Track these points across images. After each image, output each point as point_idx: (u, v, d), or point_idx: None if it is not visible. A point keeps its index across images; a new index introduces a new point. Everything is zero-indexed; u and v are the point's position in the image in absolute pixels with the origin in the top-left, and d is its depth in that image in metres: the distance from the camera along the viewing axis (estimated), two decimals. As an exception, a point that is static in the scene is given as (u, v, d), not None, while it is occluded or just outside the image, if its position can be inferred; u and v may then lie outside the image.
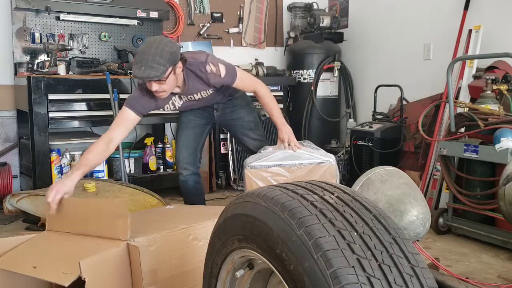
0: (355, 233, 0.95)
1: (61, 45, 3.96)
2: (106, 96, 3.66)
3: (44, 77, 3.58)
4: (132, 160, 4.13)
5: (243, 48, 5.13)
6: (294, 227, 0.96)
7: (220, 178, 4.48)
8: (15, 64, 4.02)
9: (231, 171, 4.37)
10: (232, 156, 4.37)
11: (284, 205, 1.02)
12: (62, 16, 4.08)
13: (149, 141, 4.22)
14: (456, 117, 3.07)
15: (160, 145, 4.32)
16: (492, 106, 2.98)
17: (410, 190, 1.70)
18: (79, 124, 3.88)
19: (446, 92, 3.37)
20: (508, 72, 3.21)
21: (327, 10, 5.18)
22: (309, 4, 5.17)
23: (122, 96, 3.74)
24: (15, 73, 4.03)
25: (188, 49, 4.67)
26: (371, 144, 3.89)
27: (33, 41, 4.01)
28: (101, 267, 1.69)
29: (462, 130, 3.07)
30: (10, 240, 1.99)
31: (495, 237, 2.87)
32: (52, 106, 3.62)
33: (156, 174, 4.22)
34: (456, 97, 3.57)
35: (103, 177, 3.84)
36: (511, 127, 2.74)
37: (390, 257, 0.92)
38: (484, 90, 3.08)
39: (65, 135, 4.05)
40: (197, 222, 1.97)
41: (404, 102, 4.10)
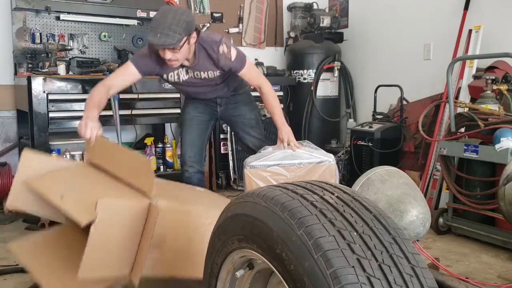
0: (355, 233, 0.95)
1: (61, 45, 3.96)
2: (106, 96, 3.65)
3: (44, 77, 3.58)
4: (132, 160, 4.12)
5: (243, 48, 5.11)
6: (294, 227, 0.96)
7: (220, 178, 4.48)
8: (15, 64, 4.02)
9: (231, 171, 4.37)
10: (232, 156, 4.37)
11: (284, 205, 1.02)
12: (62, 16, 4.08)
13: (149, 141, 4.22)
14: (456, 117, 3.07)
15: (160, 145, 4.32)
16: (492, 106, 2.98)
17: (410, 190, 1.70)
18: (79, 124, 3.87)
19: (446, 92, 3.37)
20: (508, 72, 3.21)
21: (327, 10, 5.18)
22: (309, 4, 5.17)
23: (122, 96, 3.75)
24: (15, 73, 4.03)
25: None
26: (371, 144, 3.89)
27: (33, 41, 4.01)
28: (117, 213, 1.70)
29: (462, 130, 3.07)
30: (52, 162, 2.07)
31: (495, 237, 2.87)
32: (52, 106, 3.62)
33: (156, 174, 4.18)
34: (456, 97, 3.57)
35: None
36: (511, 127, 2.74)
37: (390, 257, 0.92)
38: (484, 90, 3.08)
39: (65, 135, 4.05)
40: (220, 210, 2.00)
41: (404, 102, 4.09)
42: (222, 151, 4.43)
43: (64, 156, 3.81)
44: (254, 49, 5.19)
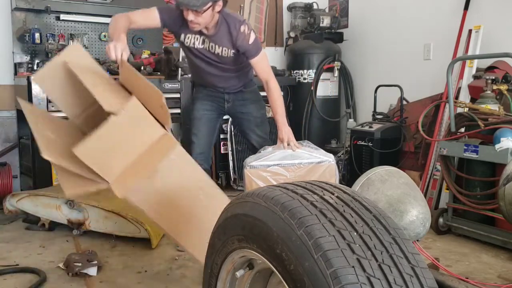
0: (355, 233, 0.95)
1: (61, 45, 3.95)
2: (106, 96, 3.65)
3: (44, 77, 3.58)
4: (132, 160, 4.12)
5: (243, 48, 5.13)
6: (294, 227, 0.96)
7: (220, 178, 4.48)
8: (15, 64, 4.01)
9: (231, 171, 4.37)
10: (232, 156, 4.37)
11: (284, 205, 1.02)
12: (62, 16, 4.09)
13: (149, 141, 4.21)
14: (456, 117, 3.07)
15: (160, 145, 4.32)
16: (492, 106, 2.98)
17: (410, 190, 1.70)
18: (79, 124, 3.87)
19: (446, 92, 3.37)
20: (508, 72, 3.21)
21: (327, 10, 5.18)
22: (309, 4, 5.17)
23: (122, 96, 3.75)
24: (15, 73, 4.03)
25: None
26: (371, 144, 3.89)
27: (33, 41, 4.01)
28: (139, 120, 1.77)
29: (462, 130, 3.07)
30: (95, 64, 2.10)
31: (495, 237, 2.87)
32: (52, 106, 3.61)
33: (156, 174, 4.22)
34: (456, 97, 3.57)
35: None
36: (511, 127, 2.74)
37: (390, 257, 0.92)
38: (484, 90, 3.08)
39: (65, 135, 4.05)
40: (215, 190, 2.09)
41: (404, 102, 4.10)
42: (222, 151, 4.43)
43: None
44: (254, 49, 5.19)
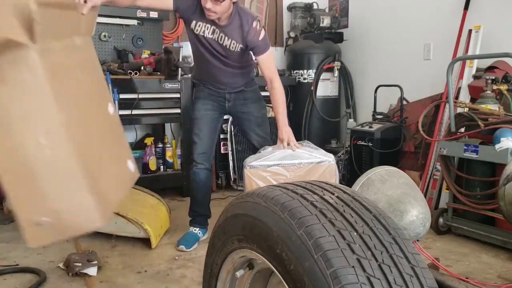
0: (355, 233, 0.95)
1: (61, 45, 3.95)
2: (106, 96, 3.65)
3: (44, 77, 3.57)
4: (132, 160, 4.12)
5: (243, 48, 5.13)
6: (294, 227, 0.96)
7: (220, 178, 4.48)
8: (15, 64, 4.01)
9: (231, 171, 4.37)
10: (232, 156, 4.37)
11: (284, 205, 1.02)
12: (62, 16, 4.08)
13: (149, 141, 4.21)
14: (456, 117, 3.07)
15: (160, 145, 4.31)
16: (492, 106, 2.98)
17: (410, 190, 1.70)
18: (79, 124, 3.87)
19: (446, 92, 3.37)
20: (508, 72, 3.21)
21: (327, 10, 5.18)
22: (309, 4, 5.17)
23: (122, 96, 3.74)
24: (15, 73, 4.02)
25: (188, 49, 4.65)
26: (371, 144, 3.89)
27: (33, 41, 4.00)
28: None
29: (462, 130, 3.07)
30: None
31: (495, 237, 2.87)
32: None
33: (156, 174, 4.22)
34: (456, 97, 3.57)
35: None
36: (511, 127, 2.74)
37: (390, 257, 0.92)
38: (484, 90, 3.08)
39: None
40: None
41: (404, 102, 4.09)
42: (222, 151, 4.43)
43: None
44: (254, 49, 5.19)
